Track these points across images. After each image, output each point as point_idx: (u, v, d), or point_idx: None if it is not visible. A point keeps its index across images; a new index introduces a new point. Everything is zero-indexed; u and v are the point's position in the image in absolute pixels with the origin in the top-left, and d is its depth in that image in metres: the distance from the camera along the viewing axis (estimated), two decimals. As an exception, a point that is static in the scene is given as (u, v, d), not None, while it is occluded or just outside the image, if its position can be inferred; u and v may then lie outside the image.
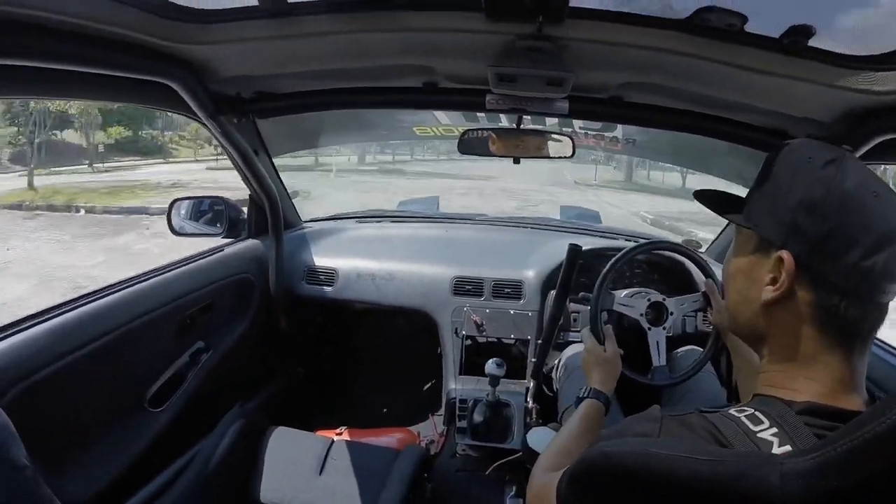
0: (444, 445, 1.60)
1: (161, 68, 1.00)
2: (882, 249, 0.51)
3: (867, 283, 0.52)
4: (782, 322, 0.57)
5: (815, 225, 0.53)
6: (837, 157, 0.55)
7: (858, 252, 0.51)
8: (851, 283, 0.52)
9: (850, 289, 0.52)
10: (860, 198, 0.52)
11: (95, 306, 1.16)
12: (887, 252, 0.51)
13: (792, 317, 0.56)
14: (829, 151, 0.56)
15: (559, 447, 0.89)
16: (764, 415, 0.52)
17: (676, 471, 0.45)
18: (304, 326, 2.09)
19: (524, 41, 0.92)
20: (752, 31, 0.84)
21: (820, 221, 0.53)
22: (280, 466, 1.39)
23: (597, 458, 0.52)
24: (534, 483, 0.78)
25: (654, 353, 1.37)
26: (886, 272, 0.52)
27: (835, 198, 0.53)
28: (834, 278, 0.53)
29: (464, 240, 2.10)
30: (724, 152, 1.71)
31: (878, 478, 0.38)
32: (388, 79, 1.24)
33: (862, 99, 0.92)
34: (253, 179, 1.65)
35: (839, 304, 0.53)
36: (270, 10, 0.90)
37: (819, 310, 0.54)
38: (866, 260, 0.51)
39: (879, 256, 0.51)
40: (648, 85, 1.11)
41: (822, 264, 0.54)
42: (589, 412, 0.99)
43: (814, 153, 0.56)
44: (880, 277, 0.52)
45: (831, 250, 0.53)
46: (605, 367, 1.13)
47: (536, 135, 1.52)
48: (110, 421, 1.22)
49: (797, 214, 0.55)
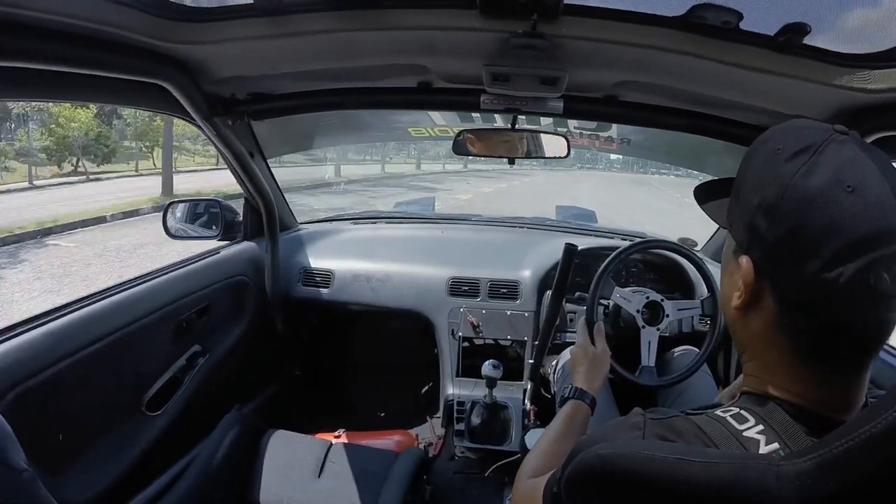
0: (442, 448, 1.60)
1: (155, 69, 0.99)
2: (851, 258, 0.43)
3: (832, 297, 0.45)
4: (754, 331, 0.53)
5: (770, 229, 0.48)
6: (813, 143, 0.47)
7: (818, 261, 0.44)
8: (810, 297, 0.46)
9: (810, 305, 0.46)
10: (825, 196, 0.45)
11: (92, 310, 1.16)
12: (860, 262, 0.43)
13: (763, 327, 0.52)
14: (805, 137, 0.49)
15: (543, 450, 0.86)
16: (749, 413, 0.51)
17: (672, 474, 0.45)
18: (300, 329, 2.09)
19: (519, 39, 0.92)
20: (746, 28, 0.84)
21: (776, 225, 0.47)
22: (278, 469, 1.39)
23: (593, 461, 0.51)
24: (519, 488, 0.76)
25: (644, 353, 1.37)
26: (856, 286, 0.43)
27: (792, 197, 0.46)
28: (791, 290, 0.48)
29: (459, 240, 2.10)
30: (719, 151, 1.72)
31: (874, 479, 0.37)
32: (382, 79, 1.24)
33: (856, 97, 0.92)
34: (248, 181, 1.64)
35: (800, 319, 0.48)
36: (265, 8, 0.89)
37: (783, 323, 0.49)
38: (828, 271, 0.44)
39: (847, 267, 0.43)
40: (643, 84, 1.11)
41: (778, 274, 0.49)
42: (573, 413, 0.96)
43: (785, 142, 0.49)
44: (848, 293, 0.44)
45: (787, 258, 0.47)
46: (593, 365, 1.09)
47: (531, 135, 1.52)
48: (108, 424, 1.21)
49: (755, 216, 0.49)
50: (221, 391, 1.60)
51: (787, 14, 0.79)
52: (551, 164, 29.02)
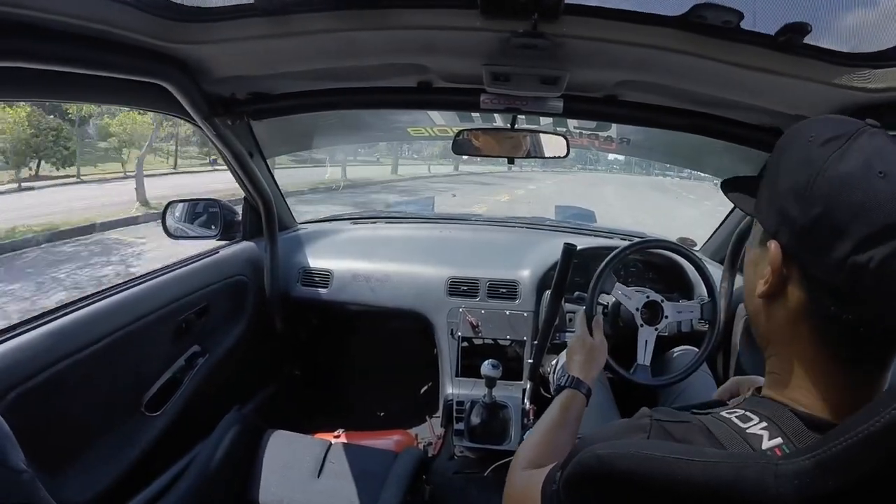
0: (441, 447, 1.60)
1: (155, 69, 0.99)
2: (882, 242, 0.43)
3: (861, 283, 0.44)
4: (778, 321, 0.53)
5: (801, 212, 0.48)
6: (846, 132, 0.48)
7: (848, 244, 0.44)
8: (841, 280, 0.45)
9: (841, 288, 0.46)
10: (857, 180, 0.45)
11: (92, 310, 1.15)
12: (890, 246, 0.43)
13: (787, 316, 0.51)
14: (838, 127, 0.49)
15: (538, 440, 0.85)
16: (754, 413, 0.52)
17: (671, 473, 0.45)
18: (299, 328, 2.08)
19: (519, 38, 0.91)
20: (747, 28, 0.84)
21: (807, 208, 0.47)
22: (278, 469, 1.38)
23: (591, 462, 0.51)
24: (513, 481, 0.74)
25: (641, 351, 1.37)
26: (885, 271, 0.43)
27: (823, 180, 0.46)
28: (820, 274, 0.47)
29: (458, 240, 2.10)
30: (719, 151, 1.71)
31: (873, 477, 0.37)
32: (382, 78, 1.24)
33: (857, 96, 0.92)
34: (248, 181, 1.64)
35: (829, 306, 0.47)
36: (265, 8, 0.89)
37: (811, 311, 0.49)
38: (859, 254, 0.44)
39: (877, 251, 0.43)
40: (643, 83, 1.11)
41: (807, 257, 0.48)
42: (569, 403, 0.94)
43: (818, 131, 0.50)
44: (877, 278, 0.43)
45: (818, 241, 0.47)
46: (590, 355, 1.08)
47: (531, 134, 1.52)
48: (107, 425, 1.21)
49: (786, 200, 0.49)
50: (221, 391, 1.60)
51: (788, 13, 0.80)
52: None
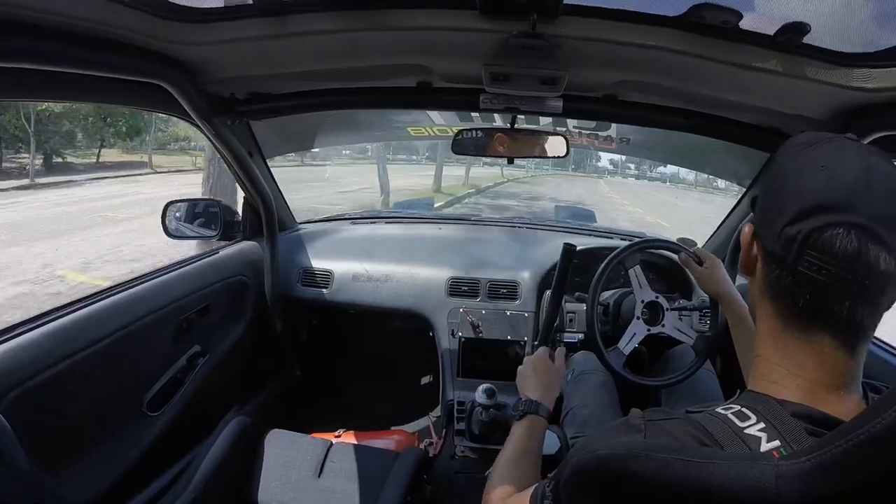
0: (442, 447, 1.60)
1: (154, 69, 0.99)
2: (808, 217, 0.51)
3: (795, 252, 0.51)
4: (753, 298, 0.60)
5: (764, 198, 0.58)
6: (820, 140, 0.55)
7: (784, 218, 0.52)
8: (779, 248, 0.53)
9: (779, 254, 0.53)
10: (803, 170, 0.53)
11: (93, 309, 1.15)
12: (815, 221, 0.50)
13: (758, 292, 0.59)
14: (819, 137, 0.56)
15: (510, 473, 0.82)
16: (751, 410, 0.52)
17: (671, 474, 0.45)
18: (300, 329, 2.08)
19: (518, 39, 0.92)
20: (746, 28, 0.84)
21: (766, 194, 0.57)
22: (278, 469, 1.38)
23: (591, 462, 0.51)
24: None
25: (625, 339, 1.38)
26: (812, 242, 0.50)
27: (780, 171, 0.56)
28: (768, 245, 0.55)
29: (459, 240, 2.10)
30: (718, 150, 1.72)
31: (874, 479, 0.37)
32: (382, 79, 1.24)
33: (856, 96, 0.92)
34: (247, 181, 1.64)
35: (775, 271, 0.55)
36: (265, 8, 0.89)
37: (768, 281, 0.56)
38: (791, 226, 0.52)
39: (804, 224, 0.51)
40: (642, 83, 1.11)
41: (762, 233, 0.57)
42: (530, 432, 0.90)
43: (803, 139, 0.57)
44: (803, 245, 0.51)
45: (767, 218, 0.56)
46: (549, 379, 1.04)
47: (531, 134, 1.52)
48: (108, 425, 1.21)
49: (761, 191, 0.59)
50: (221, 391, 1.60)
51: (787, 13, 0.79)
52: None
